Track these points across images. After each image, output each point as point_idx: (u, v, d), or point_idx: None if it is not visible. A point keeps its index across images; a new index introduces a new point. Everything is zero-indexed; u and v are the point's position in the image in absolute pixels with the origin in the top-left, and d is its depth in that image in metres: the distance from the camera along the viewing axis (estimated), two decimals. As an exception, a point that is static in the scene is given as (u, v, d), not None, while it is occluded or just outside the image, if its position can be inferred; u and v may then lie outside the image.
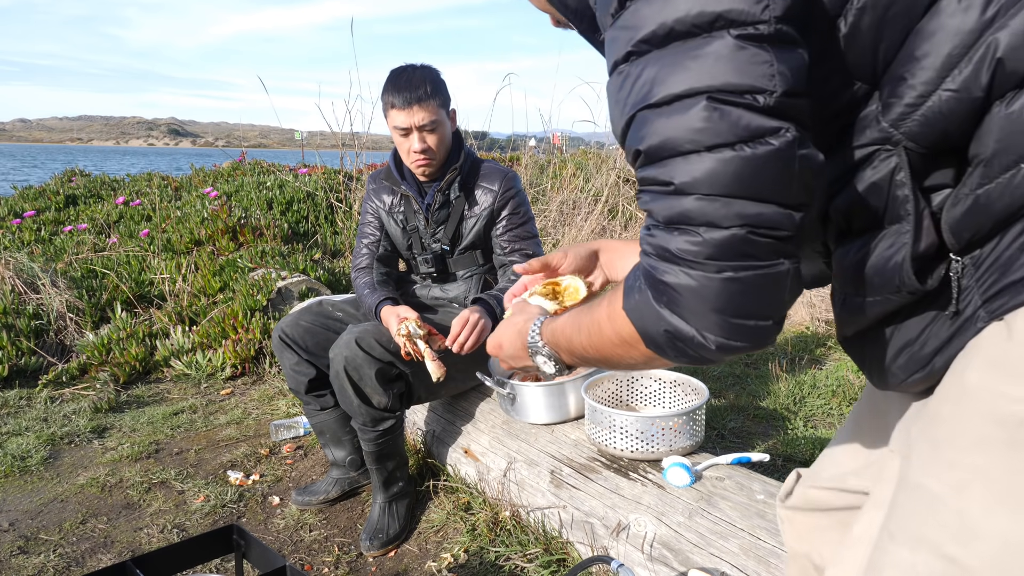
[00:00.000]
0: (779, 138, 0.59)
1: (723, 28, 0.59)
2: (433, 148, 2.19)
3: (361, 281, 2.34)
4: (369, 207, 2.42)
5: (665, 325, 0.65)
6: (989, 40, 0.59)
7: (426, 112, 2.13)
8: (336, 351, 2.07)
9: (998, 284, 0.62)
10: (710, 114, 0.59)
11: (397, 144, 2.24)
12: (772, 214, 0.60)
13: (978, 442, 0.61)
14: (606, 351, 0.76)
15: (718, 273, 0.61)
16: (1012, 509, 0.59)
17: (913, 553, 0.65)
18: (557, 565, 1.87)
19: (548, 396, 2.17)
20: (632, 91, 0.63)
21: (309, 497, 2.34)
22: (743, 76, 0.59)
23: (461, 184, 2.28)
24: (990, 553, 0.60)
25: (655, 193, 0.64)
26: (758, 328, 0.63)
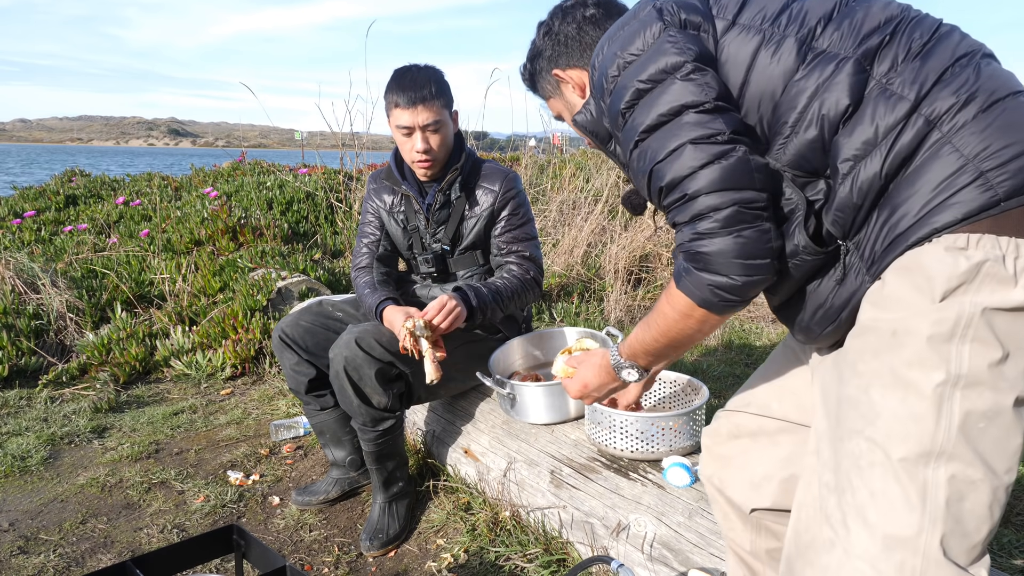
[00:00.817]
0: (736, 152, 0.99)
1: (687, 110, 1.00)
2: (435, 148, 2.19)
3: (361, 281, 2.33)
4: (369, 207, 2.42)
5: (708, 282, 1.00)
6: (818, 100, 0.97)
7: (430, 112, 2.14)
8: (336, 351, 2.07)
9: (872, 255, 0.96)
10: (696, 150, 0.99)
11: (399, 143, 2.23)
12: (749, 195, 0.98)
13: (873, 354, 0.92)
14: (672, 331, 1.12)
15: (730, 235, 0.97)
16: (894, 390, 0.89)
17: (851, 442, 0.93)
18: (557, 565, 1.87)
19: (548, 396, 2.17)
20: (646, 158, 1.04)
21: (309, 497, 2.34)
22: (706, 128, 0.99)
23: (462, 184, 2.28)
24: (887, 425, 0.89)
25: (679, 206, 1.01)
26: (762, 264, 0.99)
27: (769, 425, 1.27)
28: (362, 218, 2.46)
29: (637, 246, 5.01)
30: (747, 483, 1.27)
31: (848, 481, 0.92)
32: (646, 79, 1.03)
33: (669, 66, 1.01)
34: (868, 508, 0.89)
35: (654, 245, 5.12)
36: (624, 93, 1.05)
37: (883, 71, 0.95)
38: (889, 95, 0.94)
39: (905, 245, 0.91)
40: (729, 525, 1.34)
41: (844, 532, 0.92)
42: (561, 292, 4.70)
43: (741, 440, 1.30)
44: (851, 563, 0.90)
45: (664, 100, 1.01)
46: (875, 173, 0.94)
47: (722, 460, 1.32)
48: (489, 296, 2.19)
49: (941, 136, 0.91)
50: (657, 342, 1.16)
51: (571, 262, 4.94)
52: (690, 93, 1.00)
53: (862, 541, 0.89)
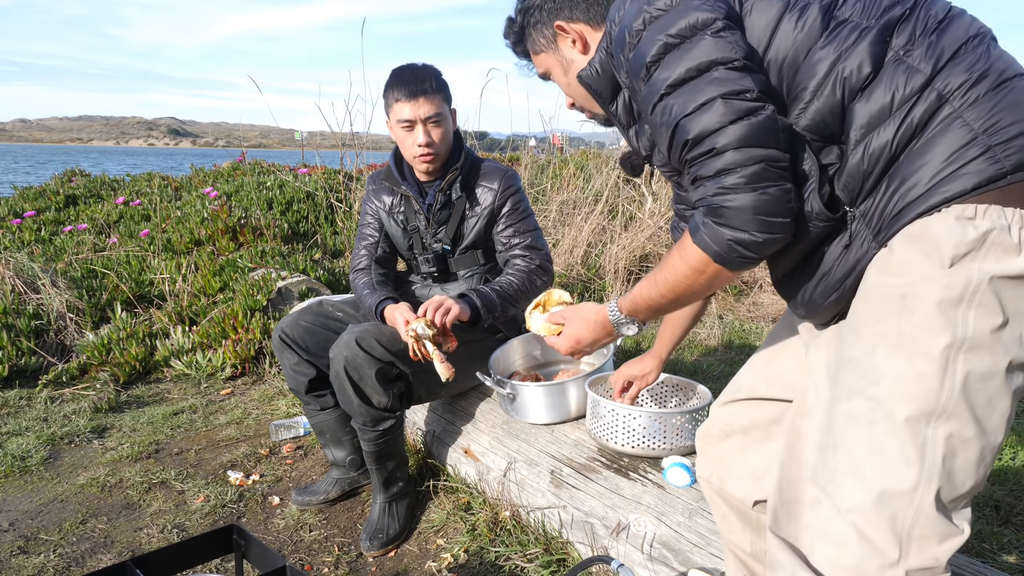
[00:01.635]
0: (765, 110, 0.99)
1: (717, 66, 1.00)
2: (437, 142, 2.19)
3: (360, 282, 2.34)
4: (369, 208, 2.42)
5: (728, 237, 0.99)
6: (839, 67, 0.99)
7: (431, 105, 2.15)
8: (336, 351, 2.07)
9: (879, 223, 0.98)
10: (726, 106, 0.98)
11: (400, 140, 2.23)
12: (775, 153, 0.98)
13: (879, 317, 0.95)
14: (681, 286, 1.11)
15: (755, 192, 0.97)
16: (900, 352, 0.92)
17: (850, 402, 0.97)
18: (557, 565, 1.87)
19: (548, 396, 2.17)
20: (671, 113, 1.03)
21: (309, 497, 2.34)
22: (735, 84, 0.99)
23: (462, 184, 2.28)
24: (890, 385, 0.93)
25: (704, 160, 1.00)
26: (783, 223, 0.99)
27: (760, 415, 1.28)
28: (361, 219, 2.46)
29: (637, 246, 5.02)
30: (748, 476, 1.28)
31: (843, 439, 0.96)
32: (675, 34, 1.02)
33: (700, 22, 1.01)
34: (864, 464, 0.93)
35: (654, 245, 5.12)
36: (650, 47, 1.04)
37: (901, 43, 0.98)
38: (906, 67, 0.97)
39: (915, 213, 0.94)
40: (728, 527, 1.34)
41: (833, 488, 0.96)
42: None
43: (734, 437, 1.31)
44: (840, 516, 0.94)
45: (693, 55, 1.01)
46: (887, 142, 0.97)
47: (718, 460, 1.33)
48: (493, 294, 2.19)
49: (953, 111, 0.94)
50: (664, 297, 1.16)
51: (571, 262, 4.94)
52: (720, 49, 1.00)
53: (855, 495, 0.93)
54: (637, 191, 5.80)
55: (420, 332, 1.99)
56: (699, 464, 1.37)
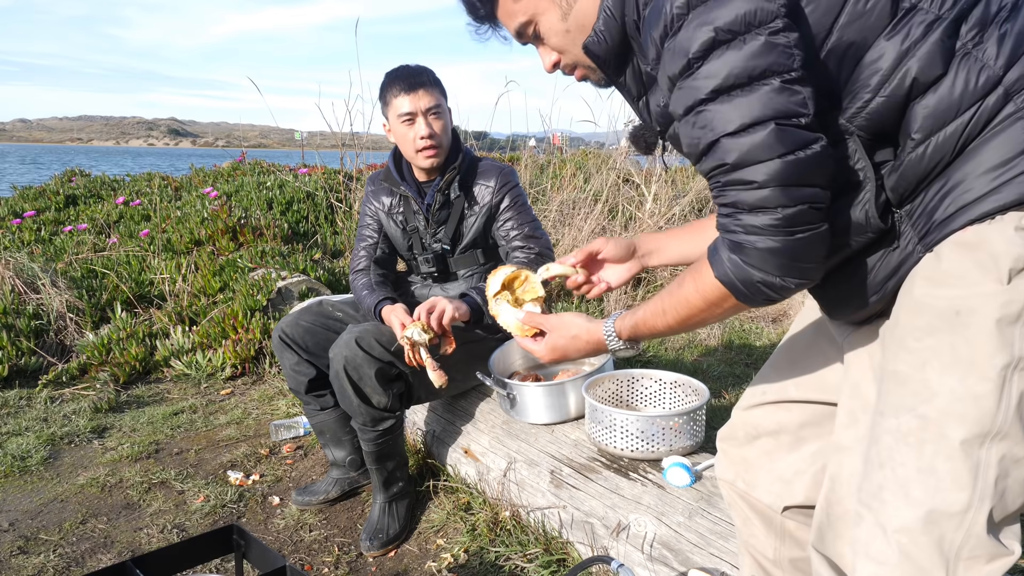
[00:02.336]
0: (820, 145, 0.88)
1: (772, 76, 0.87)
2: (439, 134, 2.19)
3: (359, 283, 2.34)
4: (368, 209, 2.43)
5: (758, 279, 0.93)
6: (908, 66, 0.90)
7: (431, 97, 2.17)
8: (336, 351, 2.07)
9: (927, 226, 0.91)
10: (778, 134, 0.87)
11: (400, 136, 2.22)
12: (819, 193, 0.89)
13: (929, 331, 0.89)
14: (694, 319, 1.05)
15: (792, 236, 0.90)
16: (954, 370, 0.87)
17: (897, 418, 0.91)
18: (557, 565, 1.87)
19: (548, 396, 2.17)
20: (713, 126, 0.90)
21: (309, 497, 2.34)
22: (790, 104, 0.87)
23: (460, 183, 2.28)
24: (944, 404, 0.87)
25: (740, 190, 0.90)
26: (816, 267, 0.93)
27: (789, 419, 1.22)
28: (360, 221, 2.46)
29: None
30: (777, 480, 1.22)
31: (889, 456, 0.91)
32: (726, 28, 0.87)
33: (757, 16, 0.87)
34: (913, 484, 0.88)
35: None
36: (694, 39, 0.89)
37: (971, 34, 0.90)
38: (975, 60, 0.89)
39: (967, 219, 0.88)
40: (750, 531, 1.28)
41: (878, 505, 0.91)
42: (561, 292, 4.70)
43: (761, 441, 1.25)
44: (885, 536, 0.90)
45: (745, 58, 0.87)
46: (950, 142, 0.89)
47: (744, 463, 1.27)
48: None
49: (1016, 110, 0.88)
50: (671, 328, 1.10)
51: (571, 262, 4.94)
52: (777, 55, 0.87)
53: (901, 516, 0.89)
54: (637, 191, 5.80)
55: (416, 338, 1.98)
56: (721, 466, 1.32)
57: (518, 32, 1.13)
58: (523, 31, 1.13)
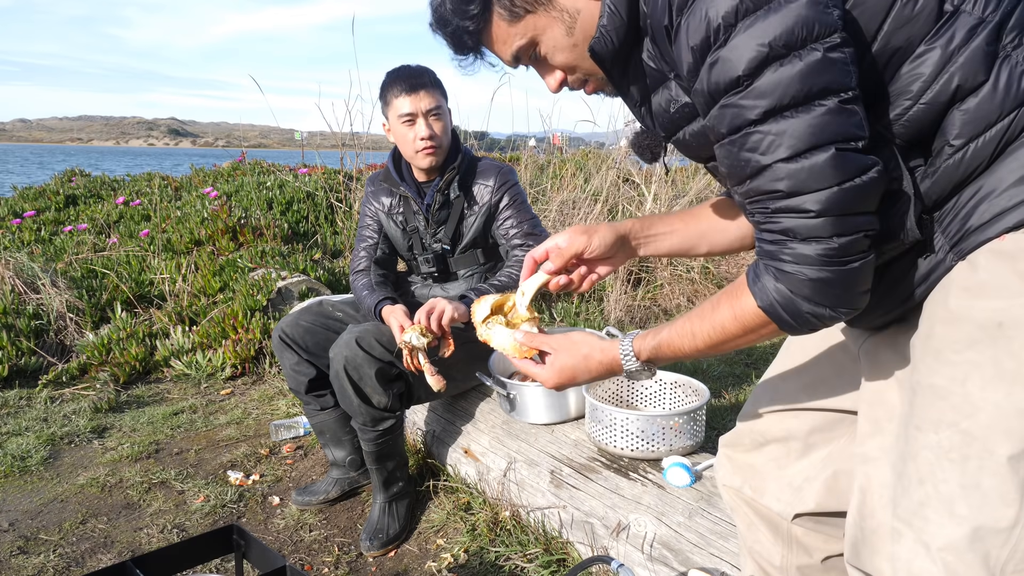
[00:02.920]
0: (876, 170, 0.84)
1: (830, 96, 0.81)
2: (439, 135, 2.20)
3: (359, 283, 2.34)
4: (368, 210, 2.43)
5: (807, 312, 0.89)
6: (950, 71, 0.85)
7: (431, 98, 2.17)
8: (336, 351, 2.07)
9: (960, 232, 0.88)
10: (839, 160, 0.82)
11: (400, 137, 2.22)
12: (872, 220, 0.86)
13: (969, 344, 0.86)
14: (728, 345, 1.00)
15: (846, 266, 0.86)
16: (999, 384, 0.84)
17: (937, 434, 0.88)
18: (557, 565, 1.87)
19: (548, 396, 2.17)
20: (765, 148, 0.84)
21: (309, 497, 2.34)
22: (848, 127, 0.82)
23: (460, 183, 2.29)
24: (988, 420, 0.84)
25: (791, 217, 0.85)
26: (866, 295, 0.90)
27: (798, 426, 1.19)
28: (360, 221, 2.46)
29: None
30: (786, 488, 1.19)
31: (931, 472, 0.88)
32: (781, 42, 0.80)
33: (816, 30, 0.80)
34: (957, 501, 0.86)
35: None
36: (744, 52, 0.81)
37: (1011, 39, 0.86)
38: (1016, 65, 0.85)
39: (1003, 227, 0.85)
40: (755, 536, 1.25)
41: (920, 523, 0.89)
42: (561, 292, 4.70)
43: (769, 448, 1.22)
44: (928, 554, 0.88)
45: (802, 76, 0.81)
46: (989, 147, 0.86)
47: (750, 469, 1.24)
48: (494, 290, 2.17)
49: None
50: (699, 352, 1.03)
51: (571, 262, 4.94)
52: (836, 72, 0.81)
53: (946, 533, 0.86)
54: (637, 191, 5.80)
55: (415, 343, 1.97)
56: (725, 472, 1.28)
57: (515, 56, 1.04)
58: (521, 55, 1.04)
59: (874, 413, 1.04)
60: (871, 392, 1.05)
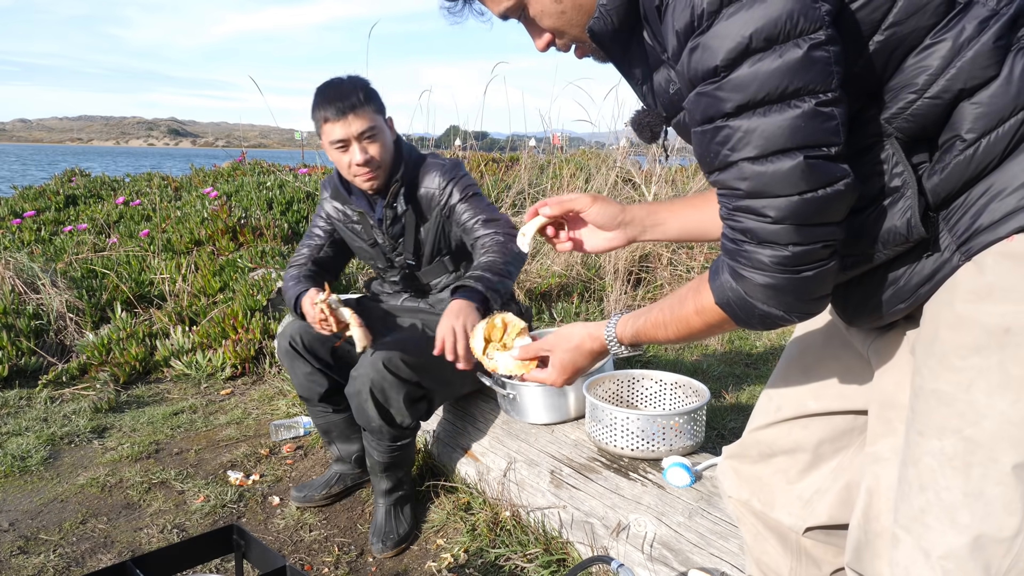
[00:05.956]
0: (845, 182, 0.81)
1: (806, 96, 0.78)
2: (377, 158, 2.06)
3: (290, 274, 2.25)
4: (323, 211, 2.33)
5: (760, 313, 0.89)
6: (958, 65, 0.82)
7: (362, 120, 2.01)
8: (361, 372, 2.02)
9: (968, 231, 0.85)
10: (805, 169, 0.79)
11: (337, 161, 2.11)
12: (834, 232, 0.84)
13: (975, 349, 0.84)
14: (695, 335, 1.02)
15: (799, 275, 0.85)
16: (1005, 391, 0.82)
17: (940, 440, 0.86)
18: (557, 565, 1.87)
19: (548, 396, 2.17)
20: (733, 145, 0.82)
21: (310, 492, 2.33)
22: (822, 133, 0.79)
23: (407, 195, 2.17)
24: (994, 428, 0.82)
25: (751, 219, 0.84)
26: (820, 302, 0.90)
27: (807, 437, 1.16)
28: (313, 220, 2.37)
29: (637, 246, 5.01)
30: (796, 500, 1.17)
31: (932, 479, 0.87)
32: (762, 34, 0.77)
33: (800, 24, 0.77)
34: (959, 509, 0.85)
35: (654, 245, 5.11)
36: (724, 41, 0.78)
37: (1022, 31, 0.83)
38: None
39: (1014, 227, 0.82)
40: (762, 547, 1.23)
41: (920, 529, 0.88)
42: (561, 292, 4.70)
43: (777, 460, 1.19)
44: (928, 561, 0.87)
45: (780, 73, 0.78)
46: (1001, 143, 0.83)
47: (758, 481, 1.22)
48: (492, 277, 2.01)
49: None
50: (671, 341, 1.06)
51: (571, 262, 4.94)
52: (816, 72, 0.78)
53: (948, 541, 0.86)
54: (637, 191, 5.80)
55: (332, 304, 1.87)
56: (731, 484, 1.25)
57: (503, 14, 1.03)
58: (509, 13, 1.03)
59: (886, 413, 1.03)
60: (882, 393, 1.04)
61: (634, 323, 1.11)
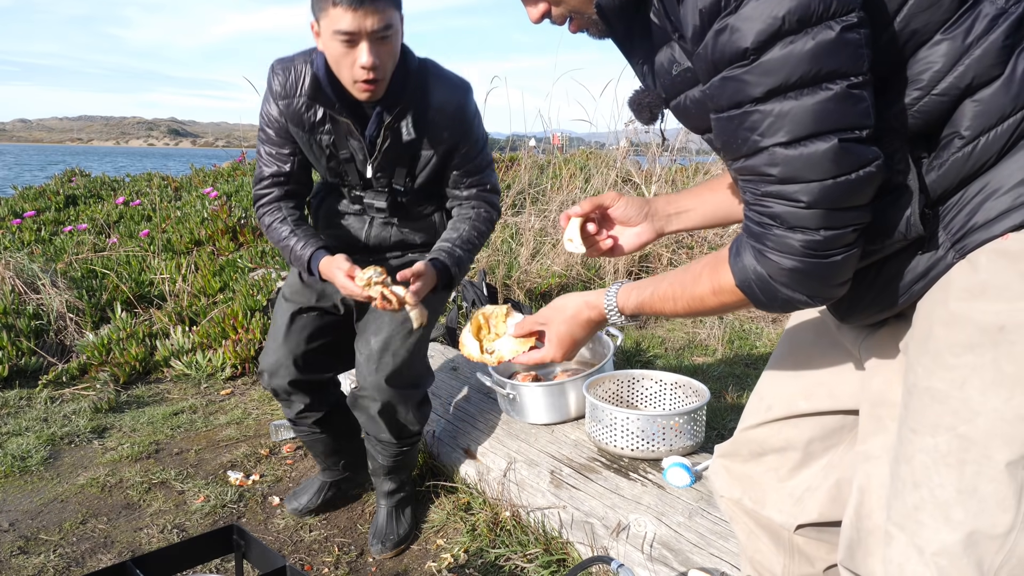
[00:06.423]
0: (876, 164, 0.80)
1: (838, 79, 0.77)
2: (384, 65, 1.71)
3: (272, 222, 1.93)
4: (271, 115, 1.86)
5: (783, 297, 0.89)
6: (966, 63, 0.81)
7: (380, 16, 1.64)
8: (365, 399, 1.95)
9: (962, 229, 0.85)
10: (839, 153, 0.78)
11: (334, 57, 1.71)
12: (864, 213, 0.83)
13: (969, 347, 0.84)
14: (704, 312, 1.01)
15: (828, 259, 0.84)
16: (999, 389, 0.82)
17: (934, 437, 0.87)
18: (557, 565, 1.87)
19: (548, 396, 2.17)
20: (763, 130, 0.80)
21: (306, 503, 2.28)
22: (854, 115, 0.78)
23: (416, 117, 1.84)
24: (988, 425, 0.83)
25: (780, 204, 0.83)
26: (843, 287, 0.89)
27: (797, 436, 1.16)
28: (260, 133, 1.91)
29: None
30: (787, 498, 1.17)
31: (926, 477, 0.88)
32: (796, 15, 0.75)
33: (833, 6, 0.75)
34: (953, 506, 0.85)
35: (654, 245, 5.12)
36: (754, 23, 0.76)
37: None
38: None
39: (1008, 225, 0.82)
40: (755, 545, 1.24)
41: (914, 526, 0.88)
42: (561, 292, 4.70)
43: (768, 458, 1.20)
44: (922, 558, 0.87)
45: (812, 56, 0.76)
46: (999, 141, 0.83)
47: (749, 480, 1.22)
48: (465, 256, 1.92)
49: None
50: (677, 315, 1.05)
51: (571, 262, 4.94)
52: (848, 55, 0.77)
53: (941, 538, 0.86)
54: (637, 191, 5.80)
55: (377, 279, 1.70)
56: (722, 482, 1.26)
57: None
58: None
59: (877, 411, 1.03)
60: (873, 391, 1.04)
61: (639, 294, 1.08)
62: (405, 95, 1.81)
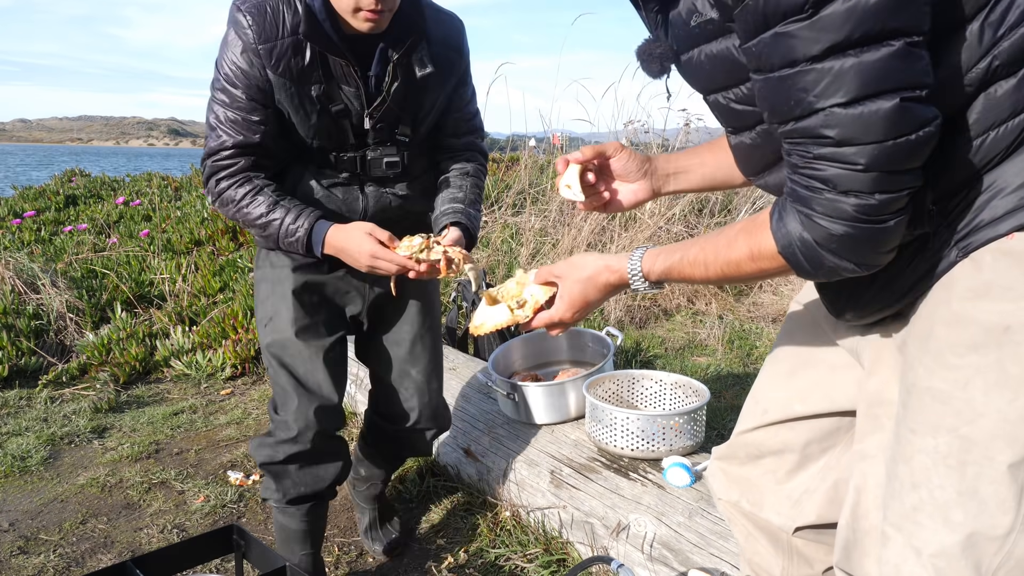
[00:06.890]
0: (936, 123, 0.76)
1: (899, 37, 0.73)
2: None
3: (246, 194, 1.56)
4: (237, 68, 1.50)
5: (830, 264, 0.84)
6: (995, 53, 0.79)
7: None
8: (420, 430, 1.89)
9: (967, 228, 0.84)
10: (902, 110, 0.74)
11: None
12: (918, 176, 0.79)
13: (973, 347, 0.83)
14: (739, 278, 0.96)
15: (881, 224, 0.80)
16: (1003, 390, 0.81)
17: (935, 438, 0.85)
18: (557, 565, 1.88)
19: (548, 396, 2.17)
20: (820, 90, 0.76)
21: None
22: (915, 74, 0.74)
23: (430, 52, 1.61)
24: (991, 426, 0.82)
25: (835, 167, 0.78)
26: (891, 252, 0.85)
27: (795, 438, 1.15)
28: (219, 95, 1.53)
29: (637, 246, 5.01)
30: (785, 500, 1.16)
31: (926, 477, 0.87)
32: None
33: None
34: (953, 507, 0.84)
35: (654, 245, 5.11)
36: None
37: None
38: None
39: (1011, 225, 0.81)
40: (754, 547, 1.23)
41: (912, 527, 0.87)
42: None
43: (765, 461, 1.19)
44: (919, 559, 0.86)
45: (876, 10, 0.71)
46: (1007, 138, 0.81)
47: (746, 482, 1.21)
48: (478, 218, 1.75)
49: None
50: (708, 281, 1.00)
51: (571, 262, 4.94)
52: (913, 11, 0.73)
53: (940, 539, 0.85)
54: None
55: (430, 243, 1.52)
56: (720, 485, 1.25)
57: None
58: None
59: (874, 411, 1.02)
60: (870, 391, 1.03)
61: (666, 259, 1.03)
62: (414, 28, 1.57)
